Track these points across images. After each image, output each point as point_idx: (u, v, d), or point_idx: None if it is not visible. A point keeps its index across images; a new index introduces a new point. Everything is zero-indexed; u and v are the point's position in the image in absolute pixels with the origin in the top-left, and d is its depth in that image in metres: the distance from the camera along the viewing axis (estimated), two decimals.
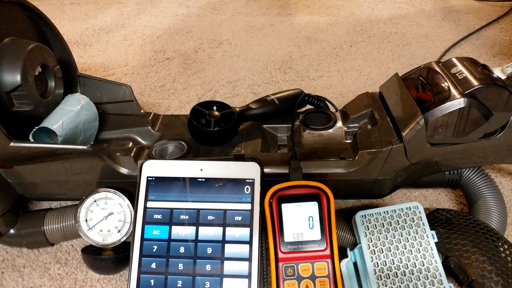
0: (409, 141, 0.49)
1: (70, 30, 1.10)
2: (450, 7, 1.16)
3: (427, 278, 0.44)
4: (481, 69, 0.49)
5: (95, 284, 0.51)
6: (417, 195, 0.62)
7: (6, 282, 0.52)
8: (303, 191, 0.47)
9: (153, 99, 0.83)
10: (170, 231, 0.45)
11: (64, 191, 0.54)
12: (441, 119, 0.47)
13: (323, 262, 0.45)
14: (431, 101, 0.48)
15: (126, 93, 0.62)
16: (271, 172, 0.50)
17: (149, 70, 0.92)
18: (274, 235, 0.45)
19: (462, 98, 0.46)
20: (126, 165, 0.52)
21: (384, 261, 0.46)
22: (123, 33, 1.09)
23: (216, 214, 0.46)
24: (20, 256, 0.54)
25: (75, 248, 0.55)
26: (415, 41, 1.01)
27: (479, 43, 0.99)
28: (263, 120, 0.59)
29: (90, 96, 0.58)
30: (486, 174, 0.56)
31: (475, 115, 0.47)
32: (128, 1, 1.25)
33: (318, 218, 0.46)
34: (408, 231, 0.47)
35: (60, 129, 0.52)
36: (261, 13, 1.17)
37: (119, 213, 0.49)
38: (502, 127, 0.50)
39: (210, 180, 0.47)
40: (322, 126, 0.58)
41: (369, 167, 0.50)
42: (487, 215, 0.52)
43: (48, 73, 0.56)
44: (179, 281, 0.44)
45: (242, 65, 0.93)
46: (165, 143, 0.56)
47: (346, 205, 0.61)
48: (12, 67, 0.49)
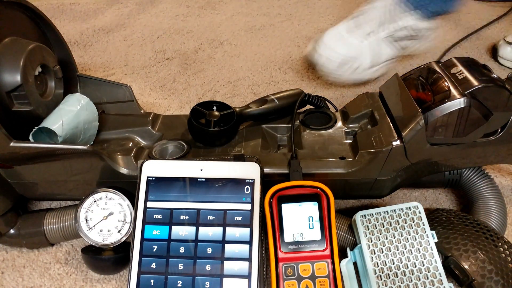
0: (409, 141, 0.49)
1: (70, 30, 1.10)
2: None
3: (427, 278, 0.44)
4: (481, 69, 0.49)
5: (95, 284, 0.51)
6: (417, 195, 0.62)
7: (6, 282, 0.52)
8: (303, 191, 0.47)
9: (153, 99, 0.83)
10: (170, 231, 0.45)
11: (64, 191, 0.54)
12: (441, 119, 0.47)
13: (323, 262, 0.45)
14: (431, 101, 0.48)
15: (126, 93, 0.62)
16: (271, 172, 0.50)
17: (149, 70, 0.92)
18: (274, 235, 0.45)
19: (462, 98, 0.46)
20: (126, 165, 0.52)
21: (384, 261, 0.46)
22: (123, 33, 1.09)
23: (216, 214, 0.46)
24: (20, 256, 0.54)
25: (75, 248, 0.55)
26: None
27: (479, 43, 0.99)
28: (263, 120, 0.59)
29: (90, 96, 0.58)
30: (486, 174, 0.56)
31: (475, 115, 0.47)
32: (128, 1, 1.25)
33: (318, 218, 0.46)
34: (408, 231, 0.47)
35: (60, 129, 0.52)
36: (261, 13, 1.17)
37: (119, 213, 0.49)
38: (502, 127, 0.50)
39: (210, 180, 0.47)
40: (322, 126, 0.58)
41: (369, 167, 0.50)
42: (487, 215, 0.52)
43: (48, 73, 0.56)
44: (179, 281, 0.44)
45: (242, 65, 0.93)
46: (165, 143, 0.56)
47: (346, 205, 0.61)
48: (12, 67, 0.49)
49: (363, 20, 0.75)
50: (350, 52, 0.74)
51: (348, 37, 0.74)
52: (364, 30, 0.74)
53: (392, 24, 0.74)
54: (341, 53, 0.74)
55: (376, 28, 0.74)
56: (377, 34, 0.74)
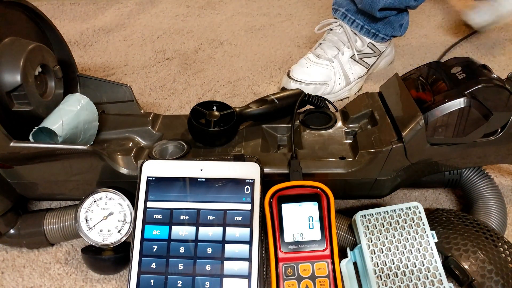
0: (409, 141, 0.49)
1: (70, 30, 1.10)
2: (450, 7, 1.16)
3: (427, 278, 0.44)
4: (481, 69, 0.49)
5: (95, 284, 0.51)
6: (417, 195, 0.62)
7: (6, 282, 0.52)
8: (303, 191, 0.47)
9: (153, 99, 0.83)
10: (170, 231, 0.45)
11: (64, 191, 0.54)
12: (441, 119, 0.47)
13: (323, 262, 0.45)
14: (431, 101, 0.48)
15: (126, 93, 0.62)
16: (271, 172, 0.50)
17: (149, 70, 0.92)
18: (274, 235, 0.45)
19: (462, 98, 0.46)
20: (126, 165, 0.52)
21: (384, 261, 0.46)
22: (123, 33, 1.09)
23: (216, 214, 0.46)
24: (20, 256, 0.54)
25: (75, 248, 0.55)
26: (415, 41, 1.01)
27: (479, 43, 0.99)
28: (263, 120, 0.59)
29: (90, 96, 0.58)
30: (486, 174, 0.56)
31: (475, 115, 0.47)
32: (128, 1, 1.25)
33: (318, 218, 0.46)
34: (408, 231, 0.47)
35: (60, 129, 0.52)
36: (261, 13, 1.17)
37: (119, 213, 0.49)
38: (502, 127, 0.50)
39: (210, 180, 0.47)
40: (322, 126, 0.58)
41: (369, 167, 0.50)
42: (487, 215, 0.52)
43: (48, 73, 0.56)
44: (179, 281, 0.44)
45: (242, 65, 0.93)
46: (165, 143, 0.56)
47: (346, 205, 0.61)
48: (12, 67, 0.49)
49: (325, 48, 0.81)
50: (320, 78, 0.78)
51: (314, 65, 0.79)
52: (327, 55, 0.80)
53: (352, 45, 0.80)
54: (312, 81, 0.78)
55: (338, 52, 0.80)
56: (341, 56, 0.80)
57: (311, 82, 0.77)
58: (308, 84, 0.77)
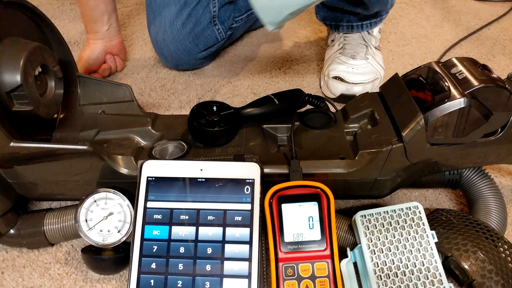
0: (409, 141, 0.49)
1: (70, 30, 1.10)
2: (450, 7, 1.16)
3: (427, 278, 0.44)
4: (481, 69, 0.49)
5: (95, 284, 0.51)
6: (417, 195, 0.62)
7: (6, 282, 0.52)
8: (303, 191, 0.47)
9: (153, 99, 0.83)
10: (170, 231, 0.45)
11: (64, 191, 0.54)
12: (441, 119, 0.47)
13: (323, 262, 0.45)
14: (431, 101, 0.48)
15: (126, 93, 0.62)
16: (271, 172, 0.50)
17: (149, 70, 0.92)
18: (274, 235, 0.45)
19: (462, 98, 0.46)
20: (126, 165, 0.52)
21: (384, 261, 0.46)
22: (123, 33, 1.08)
23: (216, 214, 0.46)
24: (20, 256, 0.54)
25: (75, 248, 0.55)
26: (415, 41, 1.01)
27: (479, 43, 0.99)
28: (263, 120, 0.59)
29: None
30: (486, 174, 0.56)
31: (475, 115, 0.47)
32: (128, 1, 1.25)
33: (318, 218, 0.46)
34: (408, 231, 0.47)
35: None
36: None
37: (119, 213, 0.49)
38: (502, 127, 0.50)
39: (210, 180, 0.47)
40: (322, 126, 0.58)
41: (369, 167, 0.50)
42: (487, 215, 0.52)
43: (48, 73, 0.56)
44: (179, 281, 0.44)
45: (242, 65, 0.93)
46: (165, 143, 0.56)
47: (346, 205, 0.61)
48: (12, 67, 0.49)
49: (350, 49, 0.82)
50: (370, 75, 0.79)
51: (354, 65, 0.80)
52: (359, 55, 0.81)
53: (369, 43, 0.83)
54: (363, 80, 0.79)
55: (366, 49, 0.82)
56: (372, 51, 0.83)
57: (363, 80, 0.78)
58: (367, 83, 0.78)
